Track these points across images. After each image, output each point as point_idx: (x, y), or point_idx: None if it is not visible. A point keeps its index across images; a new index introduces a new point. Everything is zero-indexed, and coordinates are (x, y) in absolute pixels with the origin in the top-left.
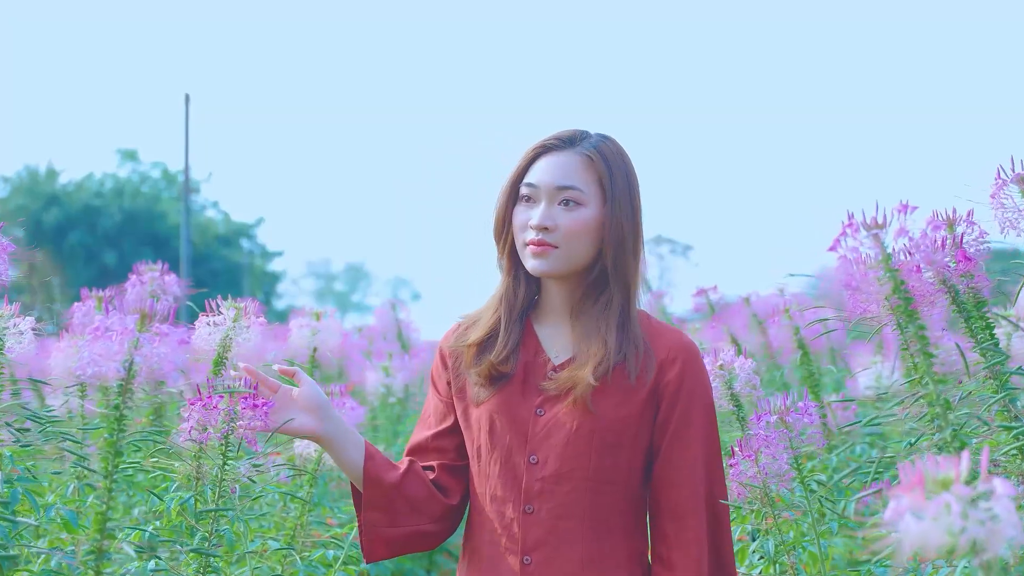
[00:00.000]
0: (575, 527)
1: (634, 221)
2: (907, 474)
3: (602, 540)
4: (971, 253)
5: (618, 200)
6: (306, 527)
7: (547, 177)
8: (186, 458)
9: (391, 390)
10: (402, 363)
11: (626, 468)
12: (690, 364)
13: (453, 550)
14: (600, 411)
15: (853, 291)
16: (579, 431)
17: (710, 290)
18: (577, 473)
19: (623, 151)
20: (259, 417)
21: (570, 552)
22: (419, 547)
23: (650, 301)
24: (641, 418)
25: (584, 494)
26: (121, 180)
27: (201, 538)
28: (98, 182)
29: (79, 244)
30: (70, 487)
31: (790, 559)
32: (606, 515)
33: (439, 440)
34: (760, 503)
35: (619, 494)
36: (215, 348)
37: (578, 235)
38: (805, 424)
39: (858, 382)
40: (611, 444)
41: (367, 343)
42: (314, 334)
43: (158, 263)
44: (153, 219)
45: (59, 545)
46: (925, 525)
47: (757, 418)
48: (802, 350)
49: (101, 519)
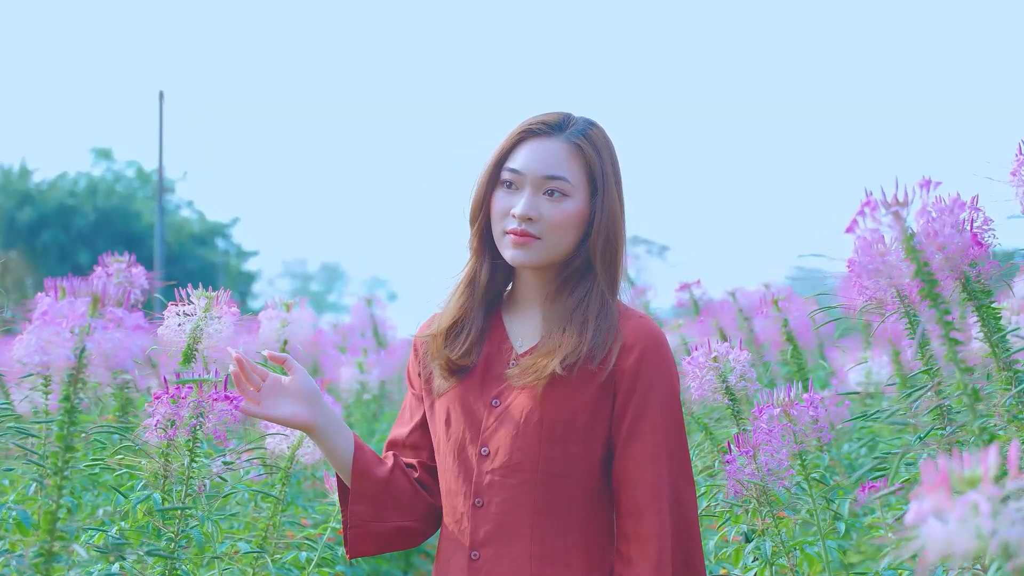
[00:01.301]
0: (525, 522)
1: (621, 211)
2: (929, 472)
3: (555, 536)
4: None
5: (607, 191)
6: (279, 528)
7: (533, 165)
8: (153, 455)
9: (366, 387)
10: (378, 359)
11: (580, 460)
12: (650, 351)
13: (430, 551)
14: (551, 399)
15: (872, 274)
16: (528, 421)
17: (693, 285)
18: (527, 465)
19: (609, 139)
20: (229, 411)
21: (520, 548)
22: (403, 544)
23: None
24: (595, 407)
25: (535, 487)
26: (95, 179)
27: (167, 540)
28: (72, 181)
29: (53, 243)
30: (31, 486)
31: (789, 561)
32: (559, 510)
33: (413, 436)
34: (757, 502)
35: (574, 488)
36: (185, 340)
37: (563, 227)
38: (811, 417)
39: (848, 377)
40: (561, 434)
41: (341, 339)
42: (284, 326)
43: (126, 255)
44: (127, 218)
45: (23, 547)
46: (951, 528)
47: (759, 411)
48: (792, 344)
49: (50, 519)
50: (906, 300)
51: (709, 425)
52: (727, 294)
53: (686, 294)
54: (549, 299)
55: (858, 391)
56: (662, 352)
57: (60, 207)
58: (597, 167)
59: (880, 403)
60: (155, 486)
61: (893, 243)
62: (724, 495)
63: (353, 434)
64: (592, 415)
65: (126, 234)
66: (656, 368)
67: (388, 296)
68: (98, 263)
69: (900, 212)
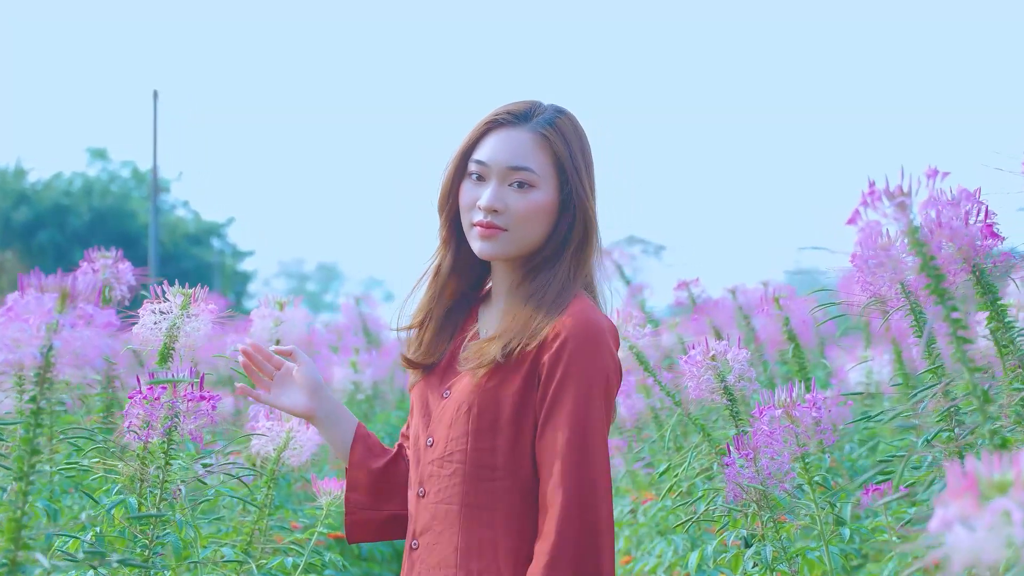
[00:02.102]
0: (455, 513)
1: (591, 200)
2: (955, 477)
3: (480, 529)
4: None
5: (575, 181)
6: (265, 532)
7: (499, 156)
8: (129, 458)
9: (359, 387)
10: (370, 359)
11: (507, 453)
12: (571, 340)
13: None
14: (483, 390)
15: (875, 269)
16: (459, 411)
17: (692, 283)
18: (456, 456)
19: (579, 126)
20: (206, 412)
21: (448, 539)
22: (402, 533)
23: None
24: (521, 398)
25: (464, 479)
26: (90, 179)
27: (142, 547)
28: (67, 181)
29: (48, 243)
30: (4, 492)
31: (790, 567)
32: (486, 503)
33: (408, 430)
34: (757, 505)
35: (503, 482)
36: (161, 338)
37: (529, 218)
38: (813, 419)
39: (848, 377)
40: (487, 425)
41: (336, 338)
42: (277, 325)
43: (112, 250)
44: (123, 218)
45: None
46: (979, 536)
47: (759, 412)
48: (793, 342)
49: (14, 526)
50: (911, 296)
51: (707, 426)
52: (727, 292)
53: (684, 292)
54: (512, 289)
55: (859, 391)
56: (587, 342)
57: (55, 207)
58: (565, 157)
59: (881, 403)
60: (131, 490)
61: (897, 236)
62: (723, 499)
63: (358, 424)
64: (519, 407)
65: (122, 234)
66: (574, 357)
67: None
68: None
69: (905, 203)
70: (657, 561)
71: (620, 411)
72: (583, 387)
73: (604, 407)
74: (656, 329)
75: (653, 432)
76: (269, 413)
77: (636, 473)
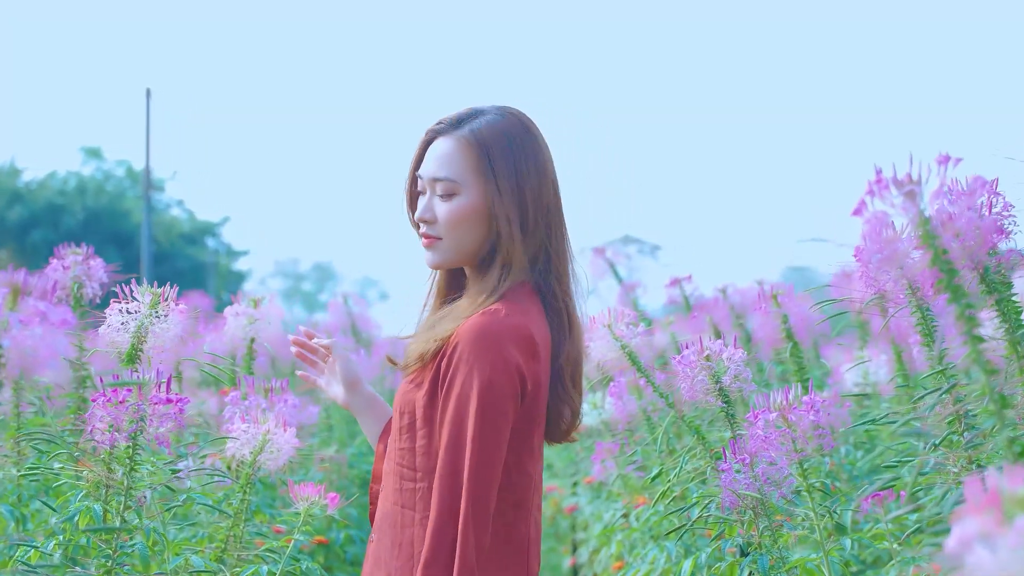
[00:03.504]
0: (393, 511)
1: (519, 201)
2: (974, 491)
3: (406, 529)
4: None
5: (490, 184)
6: (240, 539)
7: (428, 167)
8: (95, 462)
9: None
10: (358, 359)
11: (423, 455)
12: (460, 345)
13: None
14: (401, 390)
15: (882, 263)
16: (395, 411)
17: (684, 280)
18: (394, 456)
19: (511, 126)
20: (172, 416)
21: (388, 536)
22: None
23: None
24: (428, 400)
25: (395, 479)
26: (85, 178)
27: (104, 556)
28: (61, 180)
29: (42, 242)
30: None
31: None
32: (410, 503)
33: None
34: (753, 512)
35: (423, 483)
36: (129, 339)
37: (457, 224)
38: (811, 422)
39: (844, 378)
40: (405, 426)
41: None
42: (251, 323)
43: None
44: (117, 217)
45: None
46: (1003, 557)
47: (754, 416)
48: (791, 341)
49: None
50: (918, 292)
51: (701, 428)
52: (718, 291)
53: (676, 290)
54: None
55: (858, 392)
56: (475, 344)
57: (50, 206)
58: (484, 159)
59: (878, 405)
60: (97, 496)
61: (906, 228)
62: (718, 506)
63: (390, 419)
64: (426, 409)
65: (116, 233)
66: (460, 361)
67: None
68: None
69: (915, 192)
70: (650, 567)
71: (612, 413)
72: (463, 391)
73: (486, 411)
74: (649, 328)
75: (646, 434)
76: (245, 415)
77: (628, 477)
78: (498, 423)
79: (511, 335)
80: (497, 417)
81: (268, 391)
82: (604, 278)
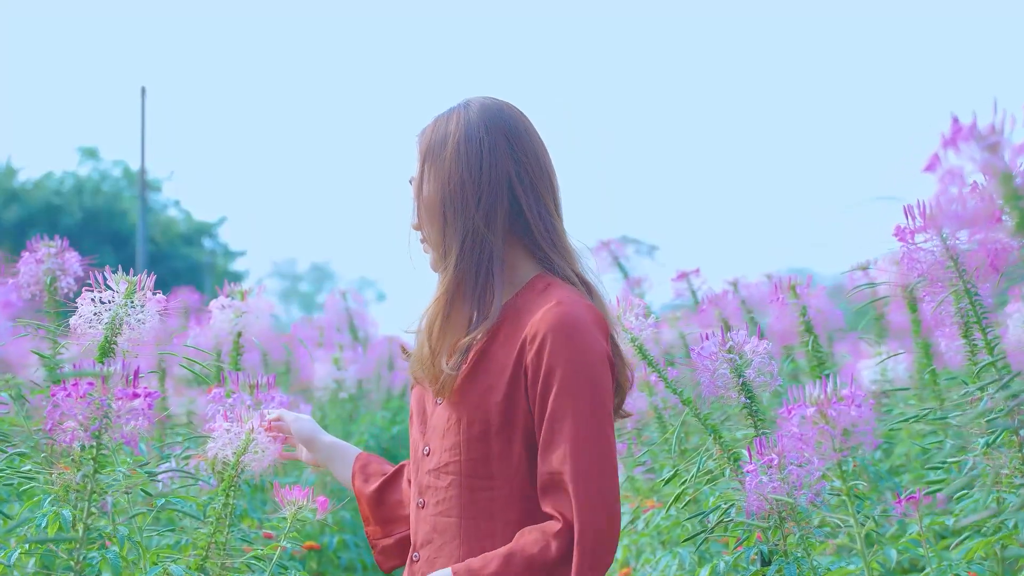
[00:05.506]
0: (454, 525)
1: (454, 184)
2: None
3: (480, 541)
4: None
5: (437, 172)
6: (224, 546)
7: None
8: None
9: (343, 385)
10: (355, 356)
11: (500, 461)
12: (550, 342)
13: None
14: (468, 399)
15: (958, 224)
16: (450, 420)
17: (692, 274)
18: (452, 467)
19: (461, 115)
20: (141, 412)
21: (449, 551)
22: None
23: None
24: (509, 404)
25: (461, 490)
26: (81, 178)
27: (65, 568)
28: (58, 180)
29: None
30: None
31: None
32: (485, 513)
33: None
34: (779, 517)
35: (500, 491)
36: (102, 332)
37: (425, 223)
38: (852, 419)
39: (861, 375)
40: (478, 435)
41: (318, 334)
42: (238, 316)
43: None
44: (114, 217)
45: None
46: None
47: (787, 412)
48: (811, 335)
49: None
50: (965, 275)
51: (718, 427)
52: (728, 284)
53: (683, 284)
54: None
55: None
56: (567, 340)
57: (46, 206)
58: (428, 154)
59: (906, 401)
60: (66, 501)
61: (987, 186)
62: (739, 511)
63: (358, 455)
64: (506, 413)
65: (113, 233)
66: (557, 359)
67: (377, 296)
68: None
69: (999, 144)
70: (660, 575)
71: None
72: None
73: (599, 398)
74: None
75: (654, 433)
76: (228, 413)
77: (636, 479)
78: (607, 411)
79: (593, 320)
80: (606, 406)
81: (254, 388)
82: (608, 272)
